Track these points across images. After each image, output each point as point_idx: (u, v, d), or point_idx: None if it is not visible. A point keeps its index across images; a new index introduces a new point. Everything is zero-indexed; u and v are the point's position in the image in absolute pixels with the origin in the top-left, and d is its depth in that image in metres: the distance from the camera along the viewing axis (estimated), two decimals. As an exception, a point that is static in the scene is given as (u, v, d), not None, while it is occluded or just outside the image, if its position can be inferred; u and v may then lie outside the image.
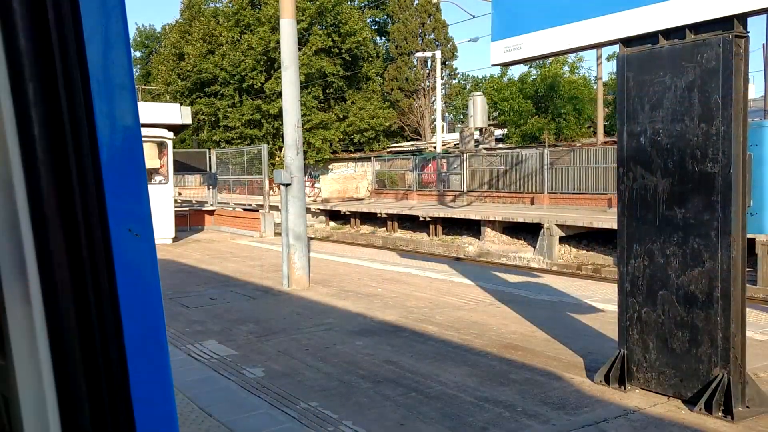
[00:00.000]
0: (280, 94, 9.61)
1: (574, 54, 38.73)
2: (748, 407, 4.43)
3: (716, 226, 4.46)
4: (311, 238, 17.01)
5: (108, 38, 1.09)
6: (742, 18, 4.33)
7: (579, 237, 19.10)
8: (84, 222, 1.06)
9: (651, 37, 4.78)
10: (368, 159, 38.47)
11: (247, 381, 5.51)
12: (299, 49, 40.55)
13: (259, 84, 41.94)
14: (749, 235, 4.71)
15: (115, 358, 1.13)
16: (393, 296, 9.06)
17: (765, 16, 16.27)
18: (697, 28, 4.51)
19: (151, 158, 16.36)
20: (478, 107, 32.41)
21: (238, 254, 14.42)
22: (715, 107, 4.43)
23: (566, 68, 44.12)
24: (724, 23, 4.38)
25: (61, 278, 1.04)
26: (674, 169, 4.67)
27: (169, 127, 16.65)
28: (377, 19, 50.06)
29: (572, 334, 6.77)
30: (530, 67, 39.81)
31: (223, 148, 36.53)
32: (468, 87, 51.29)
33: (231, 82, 42.86)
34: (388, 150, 42.99)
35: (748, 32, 4.39)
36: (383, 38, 50.21)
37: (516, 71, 50.22)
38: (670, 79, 4.67)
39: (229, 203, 24.65)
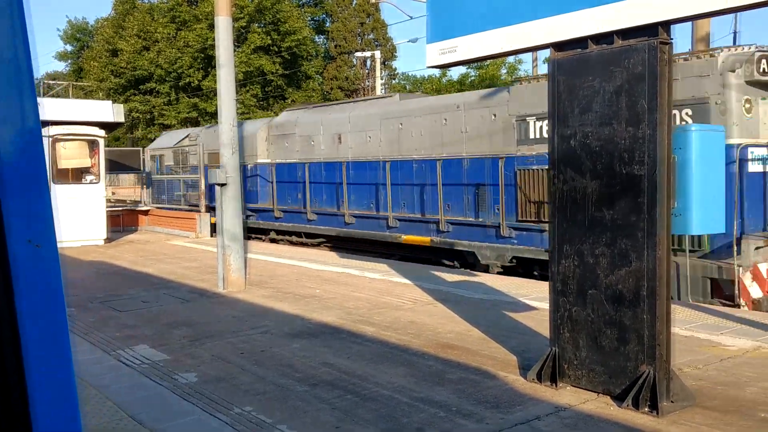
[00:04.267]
0: (217, 92, 9.45)
1: (513, 56, 39.46)
2: (672, 402, 4.58)
3: (643, 227, 4.59)
4: (251, 239, 16.83)
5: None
6: (666, 25, 4.47)
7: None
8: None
9: (581, 42, 4.89)
10: (308, 158, 38.15)
11: (179, 386, 5.38)
12: (238, 47, 40.03)
13: (196, 82, 41.15)
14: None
15: (13, 373, 1.07)
16: (331, 297, 9.01)
17: (690, 24, 16.92)
18: (625, 34, 4.64)
19: (81, 157, 15.85)
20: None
21: (174, 255, 14.10)
22: (642, 111, 4.56)
23: (504, 70, 44.87)
24: (650, 30, 4.51)
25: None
26: (603, 171, 4.79)
27: (101, 125, 16.15)
28: (316, 18, 49.80)
29: (507, 333, 6.88)
30: (469, 68, 40.29)
31: (159, 146, 35.66)
32: (408, 87, 51.57)
33: (167, 79, 41.92)
34: (329, 149, 42.81)
35: (672, 39, 4.53)
36: (322, 37, 49.99)
37: (455, 72, 50.78)
38: (599, 83, 4.79)
39: (165, 203, 24.06)
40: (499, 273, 11.18)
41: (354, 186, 14.50)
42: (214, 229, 21.43)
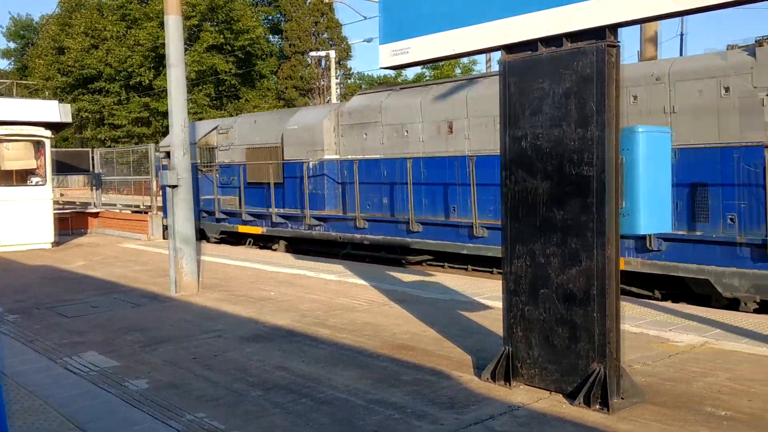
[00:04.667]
0: (167, 93, 9.35)
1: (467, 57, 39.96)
2: (623, 398, 4.66)
3: (592, 227, 4.66)
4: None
5: None
6: (614, 29, 4.55)
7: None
8: None
9: (531, 45, 4.94)
10: (263, 158, 37.87)
11: (129, 394, 5.26)
12: (190, 46, 39.46)
13: (147, 81, 40.40)
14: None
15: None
16: (286, 299, 8.94)
17: (639, 26, 17.31)
18: (574, 37, 4.70)
19: (26, 158, 15.40)
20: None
21: (125, 259, 13.80)
22: (590, 113, 4.64)
23: (458, 70, 45.23)
24: (598, 33, 4.58)
25: None
26: (553, 172, 4.85)
27: (48, 126, 15.72)
28: (270, 17, 49.40)
29: (462, 332, 6.92)
30: (424, 68, 40.48)
31: (109, 146, 34.98)
32: (364, 86, 51.63)
33: (117, 78, 41.05)
34: (284, 149, 42.54)
35: (619, 42, 4.62)
36: (277, 36, 49.64)
37: (411, 72, 51.06)
38: (549, 85, 4.84)
39: (116, 204, 23.56)
40: (755, 311, 8.20)
41: (483, 188, 10.94)
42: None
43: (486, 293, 8.97)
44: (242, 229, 16.15)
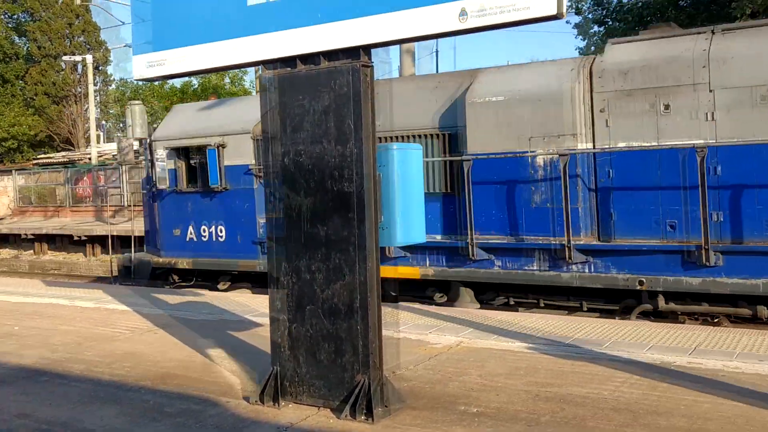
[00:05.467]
0: None
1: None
2: (386, 406, 4.81)
3: (353, 241, 4.76)
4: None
5: None
6: (367, 49, 4.71)
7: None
8: None
9: (290, 61, 4.94)
10: (9, 172, 34.08)
11: None
12: None
13: None
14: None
15: None
16: (33, 334, 8.00)
17: (398, 47, 18.34)
18: (330, 55, 4.78)
19: None
20: (137, 116, 30.55)
21: None
22: (349, 131, 4.74)
23: (227, 80, 44.60)
24: (353, 53, 4.70)
25: None
26: (316, 188, 4.88)
27: None
28: (13, 16, 44.57)
29: (232, 354, 6.70)
30: (190, 77, 39.21)
31: None
32: (128, 94, 48.71)
33: None
34: (35, 162, 38.57)
35: (372, 63, 4.78)
36: (23, 38, 44.92)
37: (178, 80, 49.21)
38: (309, 102, 4.87)
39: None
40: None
41: None
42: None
43: (257, 310, 8.81)
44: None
